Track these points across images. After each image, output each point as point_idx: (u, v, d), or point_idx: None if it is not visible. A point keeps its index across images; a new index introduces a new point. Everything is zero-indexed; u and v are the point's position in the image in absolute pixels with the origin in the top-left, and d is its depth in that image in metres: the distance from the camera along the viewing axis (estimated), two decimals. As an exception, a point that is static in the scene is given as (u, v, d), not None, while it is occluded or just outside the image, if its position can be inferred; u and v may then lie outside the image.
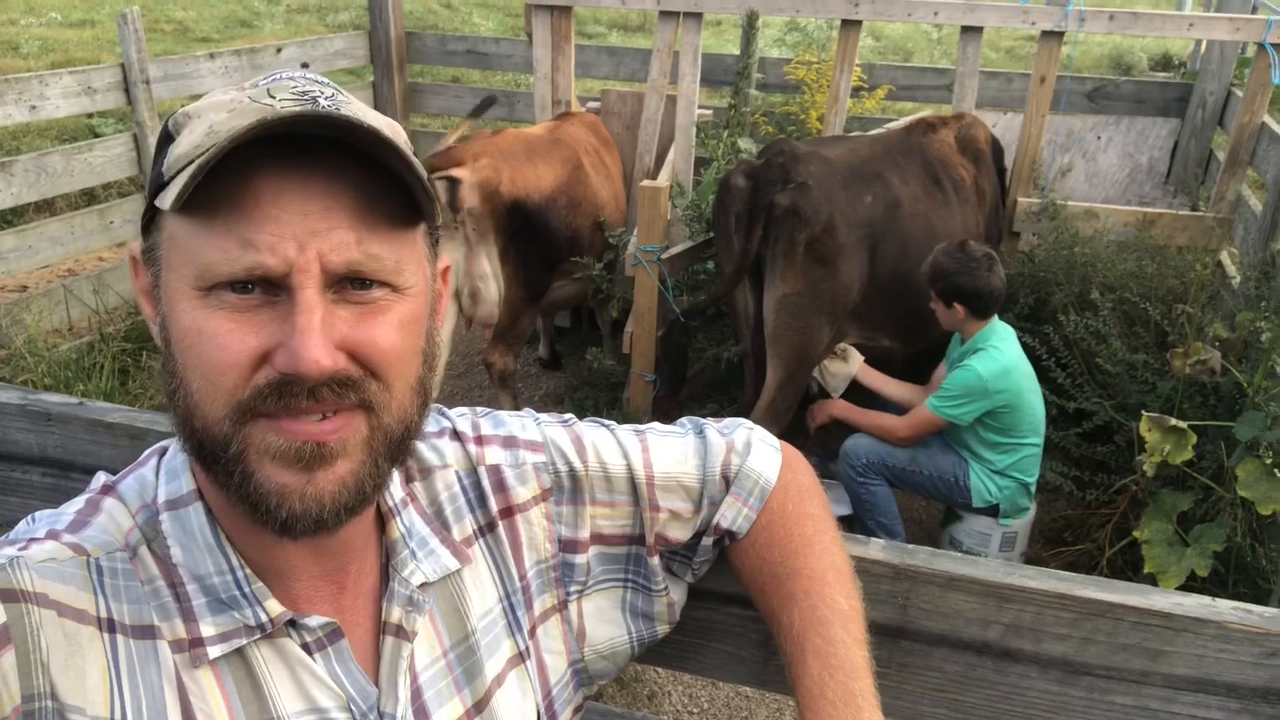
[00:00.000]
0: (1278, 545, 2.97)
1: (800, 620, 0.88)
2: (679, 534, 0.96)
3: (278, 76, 0.72)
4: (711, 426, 1.01)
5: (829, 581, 0.91)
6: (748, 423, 1.03)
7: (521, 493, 0.91)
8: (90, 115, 6.73)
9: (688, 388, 3.96)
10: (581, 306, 4.94)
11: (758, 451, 0.98)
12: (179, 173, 0.66)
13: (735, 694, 2.92)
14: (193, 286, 0.67)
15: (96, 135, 6.28)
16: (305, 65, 5.55)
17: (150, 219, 0.71)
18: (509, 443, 0.93)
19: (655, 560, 0.95)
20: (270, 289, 0.67)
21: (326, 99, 0.68)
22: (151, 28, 9.81)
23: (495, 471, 0.91)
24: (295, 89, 0.69)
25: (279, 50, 5.38)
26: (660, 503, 0.94)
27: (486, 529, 0.90)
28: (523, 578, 0.91)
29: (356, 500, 0.71)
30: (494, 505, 0.90)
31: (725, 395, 4.13)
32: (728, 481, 0.96)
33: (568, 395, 4.46)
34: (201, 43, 9.66)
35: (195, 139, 0.67)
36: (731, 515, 0.95)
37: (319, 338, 0.66)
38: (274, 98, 0.67)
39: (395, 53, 5.95)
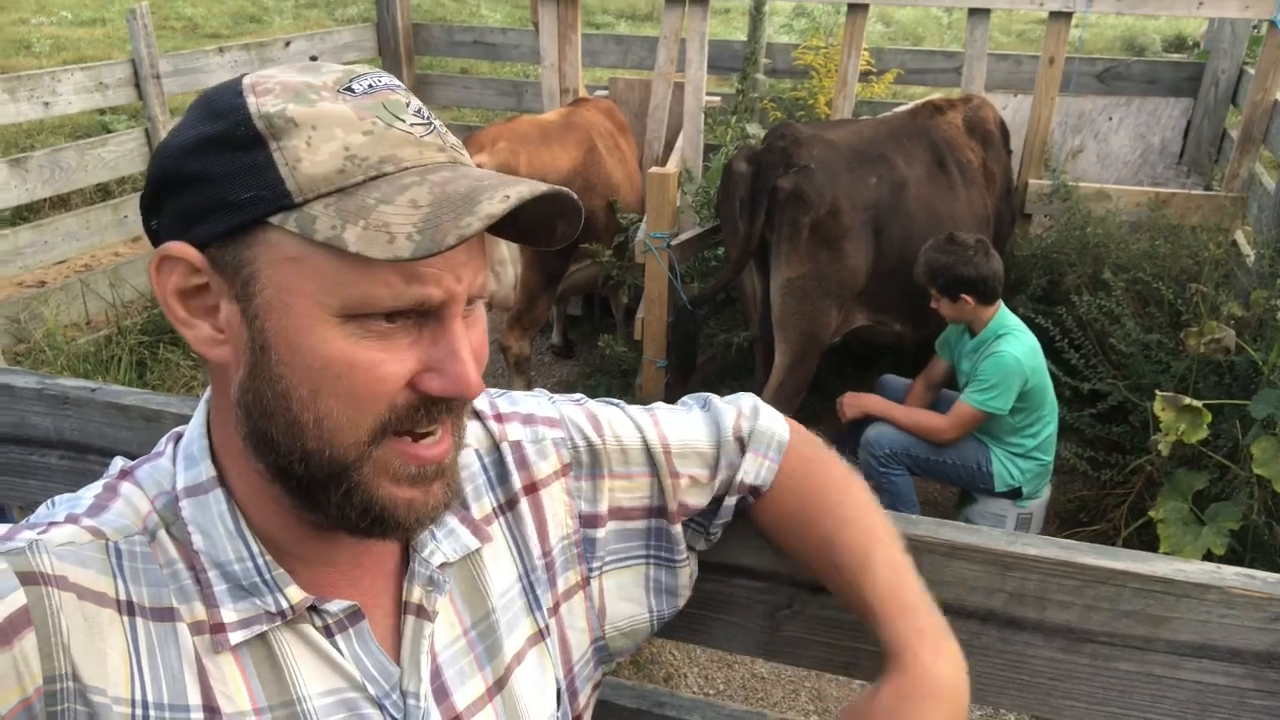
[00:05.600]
0: (1293, 522, 2.96)
1: (862, 537, 0.91)
2: (698, 500, 0.97)
3: (372, 82, 0.69)
4: (716, 398, 1.03)
5: (876, 508, 0.95)
6: (749, 394, 1.05)
7: (543, 468, 0.92)
8: (102, 111, 6.78)
9: (699, 374, 3.97)
10: (594, 295, 4.96)
11: (765, 412, 1.00)
12: (321, 198, 0.65)
13: (751, 675, 2.94)
14: (333, 314, 0.66)
15: (109, 131, 6.32)
16: (314, 58, 5.56)
17: (229, 228, 0.66)
18: (528, 419, 0.94)
19: (678, 529, 0.96)
20: (419, 315, 0.69)
21: (435, 119, 0.71)
22: (161, 25, 9.87)
23: (518, 448, 0.92)
24: (408, 106, 0.69)
25: (288, 44, 5.40)
26: (679, 469, 0.95)
27: (507, 506, 0.90)
28: (547, 554, 0.91)
29: (452, 497, 0.76)
30: (517, 482, 0.91)
31: (736, 380, 4.14)
32: (742, 443, 0.98)
33: (580, 382, 4.48)
34: (211, 39, 9.70)
35: (334, 162, 0.65)
36: (754, 470, 0.97)
37: (474, 363, 0.70)
38: (400, 119, 0.68)
39: (403, 45, 5.97)
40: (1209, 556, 2.89)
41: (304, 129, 0.66)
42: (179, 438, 0.80)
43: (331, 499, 0.71)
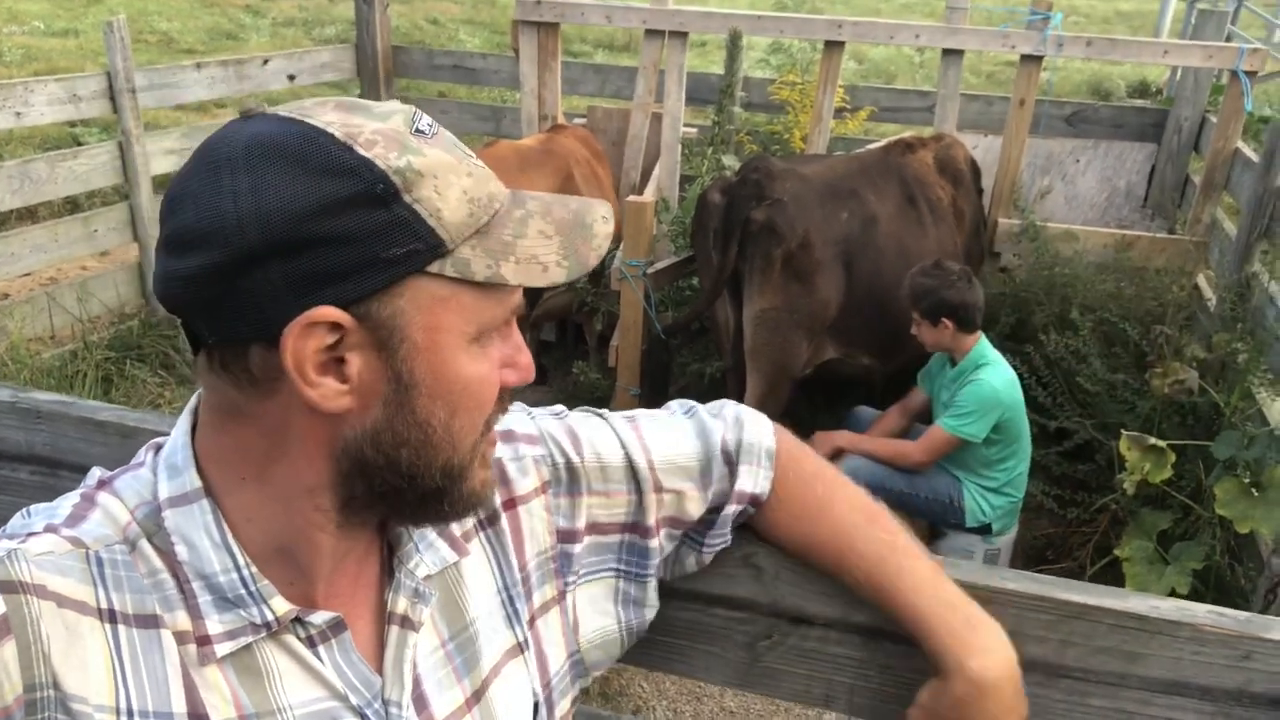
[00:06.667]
0: (1255, 563, 3.01)
1: (875, 544, 0.97)
2: (693, 510, 0.97)
3: (429, 121, 0.73)
4: (700, 408, 1.04)
5: (878, 509, 1.00)
6: (731, 401, 1.05)
7: (524, 484, 0.93)
8: (73, 124, 6.71)
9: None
10: (567, 321, 4.96)
11: (750, 421, 1.01)
12: (466, 242, 0.70)
13: (719, 709, 2.92)
14: (469, 339, 0.73)
15: (79, 143, 6.25)
16: (292, 78, 5.56)
17: (384, 283, 0.68)
18: (508, 437, 0.95)
19: (654, 542, 0.96)
20: None
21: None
22: (136, 38, 9.77)
23: (498, 465, 0.93)
24: (460, 142, 0.75)
25: (265, 62, 5.38)
26: (664, 484, 0.96)
27: (488, 521, 0.92)
28: (524, 568, 0.92)
29: None
30: (498, 497, 0.92)
31: (708, 410, 4.15)
32: (729, 457, 0.98)
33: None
34: (186, 54, 9.64)
35: (463, 207, 0.70)
36: (750, 480, 0.98)
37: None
38: (471, 157, 0.74)
39: (382, 67, 5.97)
40: (1172, 596, 2.93)
41: (429, 179, 0.69)
42: (159, 448, 0.79)
43: (447, 498, 0.77)
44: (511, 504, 0.93)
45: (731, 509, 0.98)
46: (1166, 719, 1.00)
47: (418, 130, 0.71)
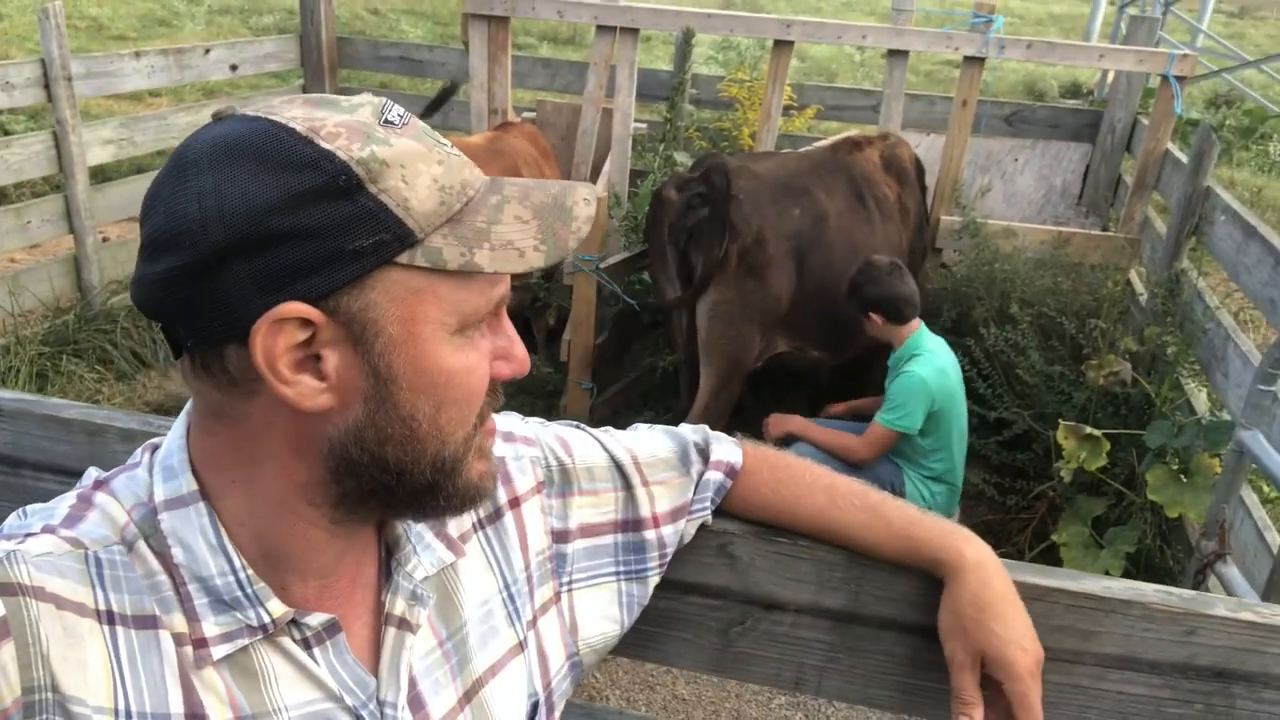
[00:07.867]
0: (1183, 545, 3.14)
1: (853, 494, 1.04)
2: (681, 497, 1.03)
3: (399, 111, 0.72)
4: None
5: (836, 477, 1.06)
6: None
7: (523, 483, 0.95)
8: (0, 112, 6.49)
9: (623, 396, 4.01)
10: (516, 315, 4.96)
11: (708, 429, 1.10)
12: (438, 230, 0.69)
13: (672, 696, 2.96)
14: (451, 331, 0.72)
15: (7, 133, 6.06)
16: (234, 68, 5.45)
17: (353, 276, 0.67)
18: (508, 437, 0.97)
19: (650, 535, 1.00)
20: None
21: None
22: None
23: (501, 464, 0.94)
24: (434, 131, 0.74)
25: (207, 51, 5.27)
26: (650, 477, 1.01)
27: (488, 520, 0.93)
28: (526, 567, 0.93)
29: None
30: (503, 496, 0.94)
31: (660, 404, 4.19)
32: (700, 446, 1.05)
33: (506, 402, 4.46)
34: (117, 40, 9.38)
35: (434, 195, 0.68)
36: (724, 452, 1.05)
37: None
38: (444, 145, 0.73)
39: (327, 57, 5.89)
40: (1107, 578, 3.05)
41: (395, 169, 0.67)
42: (155, 448, 0.79)
43: (441, 493, 0.76)
44: (516, 503, 0.94)
45: (712, 474, 1.04)
46: (1118, 692, 1.05)
47: (387, 121, 0.70)
